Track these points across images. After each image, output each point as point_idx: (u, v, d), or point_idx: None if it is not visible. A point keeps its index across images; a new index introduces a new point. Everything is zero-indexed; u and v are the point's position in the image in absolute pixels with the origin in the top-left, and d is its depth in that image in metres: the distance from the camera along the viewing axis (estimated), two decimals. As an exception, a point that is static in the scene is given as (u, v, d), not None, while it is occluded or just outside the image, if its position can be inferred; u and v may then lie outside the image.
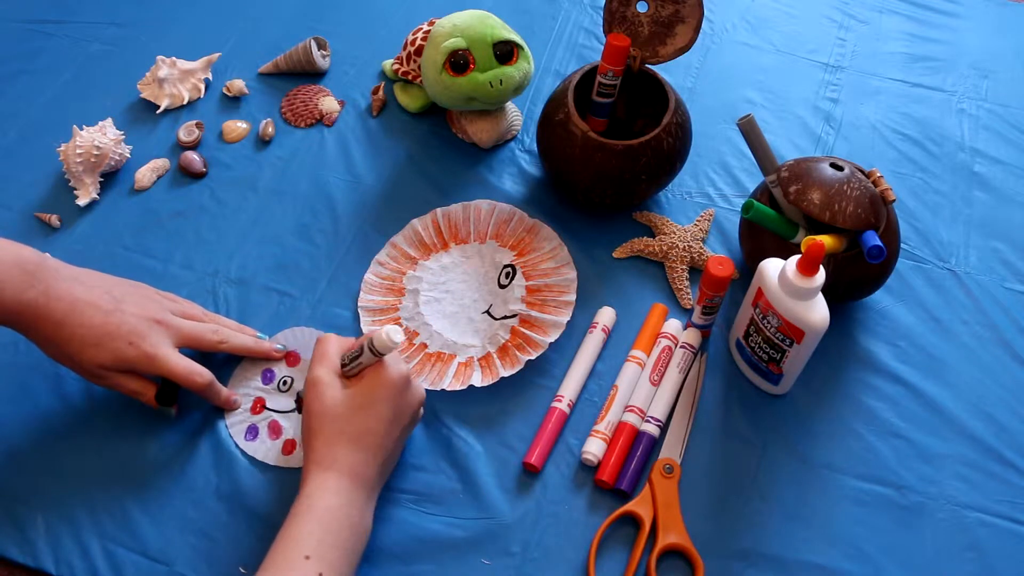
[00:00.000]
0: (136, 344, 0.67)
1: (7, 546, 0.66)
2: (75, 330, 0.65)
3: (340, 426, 0.62)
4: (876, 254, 0.67)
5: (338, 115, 0.93)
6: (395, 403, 0.64)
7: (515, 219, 0.83)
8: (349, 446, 0.61)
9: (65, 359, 0.67)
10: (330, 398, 0.63)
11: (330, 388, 0.63)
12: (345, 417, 0.62)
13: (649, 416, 0.72)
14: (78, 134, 0.84)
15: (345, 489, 0.60)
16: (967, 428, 0.73)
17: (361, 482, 0.61)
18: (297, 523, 0.58)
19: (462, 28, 0.81)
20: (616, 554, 0.67)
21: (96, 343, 0.66)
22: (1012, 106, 0.97)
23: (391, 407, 0.63)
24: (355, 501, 0.60)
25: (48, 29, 1.01)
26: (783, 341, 0.68)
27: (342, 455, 0.61)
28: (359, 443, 0.62)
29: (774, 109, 0.95)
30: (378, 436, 0.62)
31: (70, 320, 0.65)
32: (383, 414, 0.63)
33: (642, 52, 0.80)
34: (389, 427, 0.63)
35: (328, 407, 0.63)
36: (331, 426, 0.62)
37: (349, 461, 0.61)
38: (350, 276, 0.81)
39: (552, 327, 0.75)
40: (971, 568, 0.67)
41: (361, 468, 0.61)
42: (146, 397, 0.69)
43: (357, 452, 0.61)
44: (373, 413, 0.62)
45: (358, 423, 0.62)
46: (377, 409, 0.63)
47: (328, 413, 0.62)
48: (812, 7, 1.06)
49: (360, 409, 0.62)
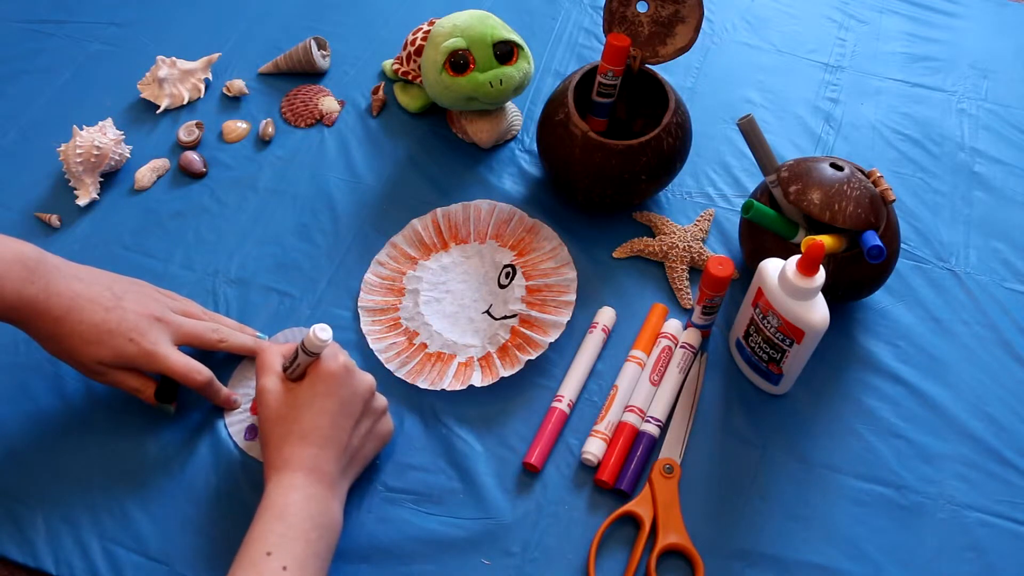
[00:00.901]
0: (136, 341, 0.67)
1: (7, 546, 0.66)
2: (75, 327, 0.65)
3: (287, 427, 0.62)
4: (876, 254, 0.67)
5: (338, 115, 0.93)
6: (338, 395, 0.64)
7: (515, 219, 0.83)
8: (299, 444, 0.62)
9: (65, 355, 0.67)
10: (274, 402, 0.63)
11: (272, 394, 0.64)
12: (291, 417, 0.63)
13: (649, 416, 0.72)
14: (78, 134, 0.84)
15: (301, 484, 0.60)
16: (967, 428, 0.73)
17: (318, 476, 0.61)
18: (258, 523, 0.58)
19: (462, 28, 0.81)
20: (616, 554, 0.67)
21: (96, 340, 0.66)
22: (1012, 106, 0.97)
23: (334, 400, 0.63)
24: (314, 496, 0.60)
25: (48, 29, 1.01)
26: (783, 341, 0.68)
27: (293, 453, 0.61)
28: (308, 439, 0.62)
29: (774, 109, 0.95)
30: (325, 429, 0.62)
31: (70, 317, 0.65)
32: (327, 407, 0.63)
33: (642, 52, 0.80)
34: (335, 419, 0.63)
35: (273, 411, 0.63)
36: (279, 428, 0.62)
37: (300, 457, 0.61)
38: (350, 276, 0.81)
39: (552, 327, 0.75)
40: (971, 568, 0.67)
41: (315, 462, 0.61)
42: (145, 394, 0.69)
43: (307, 447, 0.62)
44: (316, 408, 0.63)
45: (304, 420, 0.62)
46: (320, 403, 0.63)
47: (273, 417, 0.63)
48: (812, 7, 1.06)
49: (303, 407, 0.63)
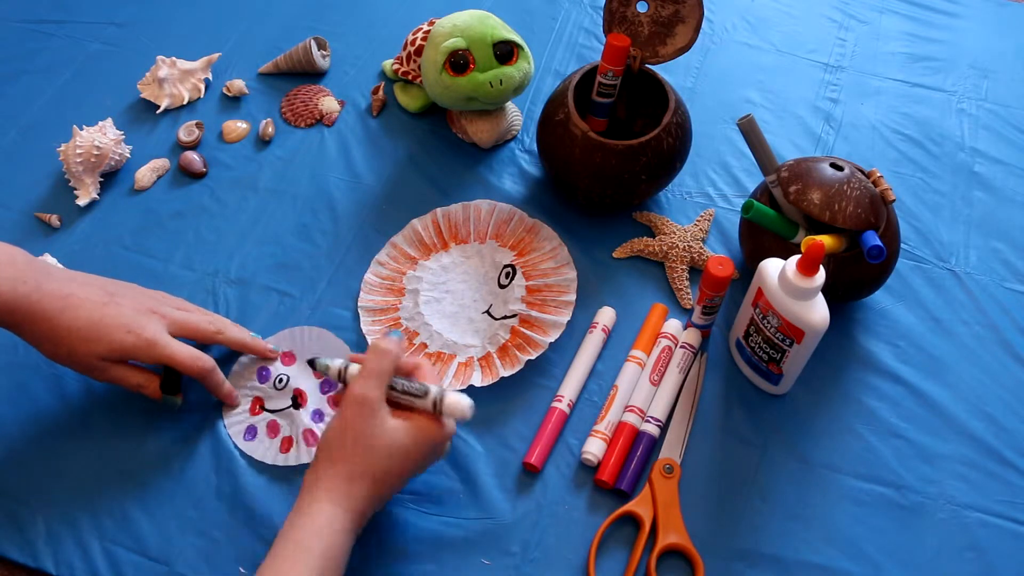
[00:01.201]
0: (134, 332, 0.66)
1: (7, 546, 0.66)
2: (71, 323, 0.65)
3: (371, 461, 0.58)
4: (876, 254, 0.67)
5: (338, 115, 0.93)
6: (431, 457, 0.62)
7: (515, 219, 0.83)
8: (369, 487, 0.58)
9: (63, 356, 0.66)
10: (373, 427, 0.59)
11: (377, 415, 0.59)
12: (379, 454, 0.59)
13: (649, 416, 0.72)
14: (78, 134, 0.84)
15: (350, 531, 0.58)
16: (967, 428, 0.73)
17: (362, 523, 0.59)
18: (302, 556, 0.55)
19: (462, 28, 0.81)
20: (616, 554, 0.67)
21: (93, 335, 0.65)
22: (1012, 106, 0.97)
23: (424, 460, 0.61)
24: (351, 542, 0.58)
25: (48, 29, 1.01)
26: (783, 341, 0.68)
27: (360, 494, 0.58)
28: (379, 485, 0.59)
29: (774, 109, 0.95)
30: (398, 482, 0.60)
31: (65, 315, 0.65)
32: (414, 463, 0.60)
33: (642, 52, 0.80)
34: (411, 475, 0.61)
35: (367, 436, 0.58)
36: (362, 458, 0.58)
37: (362, 501, 0.58)
38: (350, 276, 0.81)
39: (552, 327, 0.75)
40: (971, 568, 0.67)
41: (368, 510, 0.59)
42: (150, 389, 0.69)
43: (373, 492, 0.59)
44: (406, 460, 0.59)
45: (387, 464, 0.59)
46: (412, 458, 0.60)
47: (363, 442, 0.58)
48: (812, 7, 1.06)
49: (396, 453, 0.59)
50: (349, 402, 0.59)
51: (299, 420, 0.72)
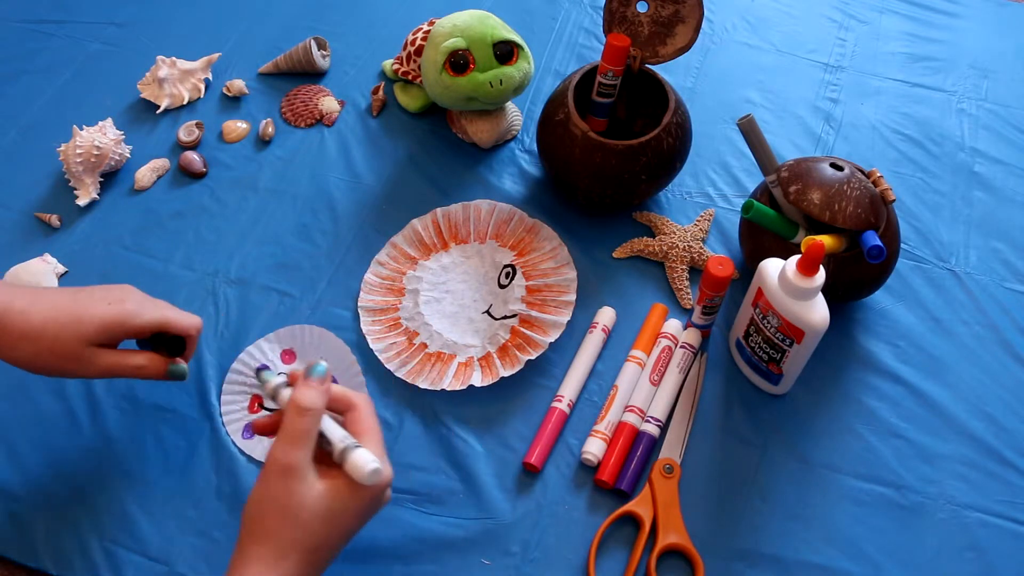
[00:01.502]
0: (115, 302, 0.61)
1: (7, 546, 0.66)
2: (45, 313, 0.59)
3: (301, 535, 0.52)
4: (876, 254, 0.67)
5: (338, 115, 0.93)
6: (366, 515, 0.56)
7: (515, 219, 0.83)
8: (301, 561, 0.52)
9: (44, 354, 0.60)
10: (300, 496, 0.52)
11: (303, 482, 0.52)
12: (310, 526, 0.52)
13: (649, 416, 0.72)
14: (78, 134, 0.84)
15: None
16: (967, 428, 0.73)
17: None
18: None
19: (462, 28, 0.81)
20: (616, 554, 0.67)
21: (72, 317, 0.59)
22: (1012, 106, 0.97)
23: (360, 520, 0.55)
24: None
25: (48, 29, 1.01)
26: (783, 341, 0.68)
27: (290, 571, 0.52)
28: (313, 557, 0.53)
29: (774, 109, 0.95)
30: (335, 551, 0.54)
31: (37, 306, 0.59)
32: (350, 528, 0.54)
33: (642, 52, 0.80)
34: (349, 538, 0.55)
35: (294, 507, 0.52)
36: (291, 532, 0.52)
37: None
38: (350, 276, 0.81)
39: (552, 327, 0.75)
40: (971, 568, 0.67)
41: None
42: (151, 367, 0.63)
43: (307, 568, 0.52)
44: (342, 526, 0.54)
45: (321, 534, 0.53)
46: (348, 521, 0.54)
47: (291, 516, 0.52)
48: (812, 7, 1.06)
49: (330, 520, 0.53)
50: (270, 469, 0.53)
51: (299, 420, 0.72)
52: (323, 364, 0.56)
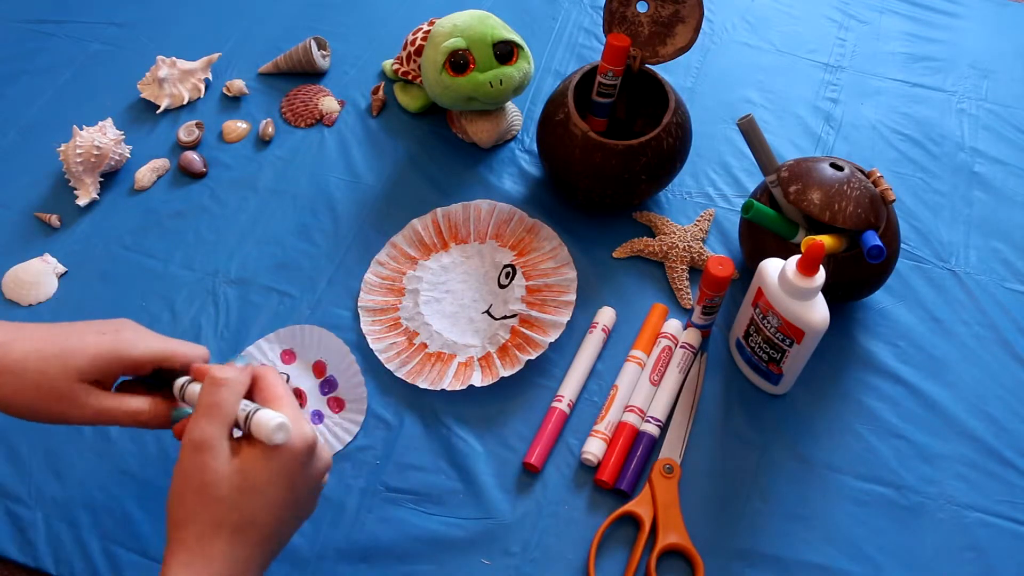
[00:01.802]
0: (109, 332, 0.54)
1: (7, 546, 0.66)
2: (28, 346, 0.52)
3: (221, 513, 0.48)
4: (876, 254, 0.67)
5: (338, 115, 0.93)
6: (292, 483, 0.50)
7: (515, 219, 0.83)
8: (230, 541, 0.48)
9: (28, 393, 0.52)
10: (213, 472, 0.48)
11: (216, 458, 0.49)
12: (228, 502, 0.48)
13: (649, 416, 0.72)
14: (78, 134, 0.84)
15: None
16: (967, 428, 0.73)
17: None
18: None
19: (462, 28, 0.81)
20: (616, 554, 0.67)
21: (60, 349, 0.52)
22: (1012, 106, 0.97)
23: (286, 489, 0.50)
24: None
25: (48, 29, 1.01)
26: (783, 341, 0.68)
27: (219, 553, 0.48)
28: (242, 537, 0.49)
29: (774, 109, 0.95)
30: (266, 528, 0.50)
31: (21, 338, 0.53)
32: (275, 499, 0.50)
33: (642, 52, 0.80)
34: (281, 514, 0.50)
35: (209, 484, 0.48)
36: (209, 511, 0.48)
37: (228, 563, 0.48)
38: (350, 276, 0.81)
39: (552, 327, 0.75)
40: (971, 568, 0.67)
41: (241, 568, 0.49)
42: (151, 412, 0.56)
43: (238, 548, 0.48)
44: (262, 498, 0.49)
45: (244, 510, 0.49)
46: (268, 494, 0.49)
47: (208, 493, 0.48)
48: (812, 7, 1.06)
49: (249, 492, 0.49)
50: (184, 447, 0.50)
51: (299, 420, 0.72)
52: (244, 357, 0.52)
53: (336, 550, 0.66)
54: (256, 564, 0.50)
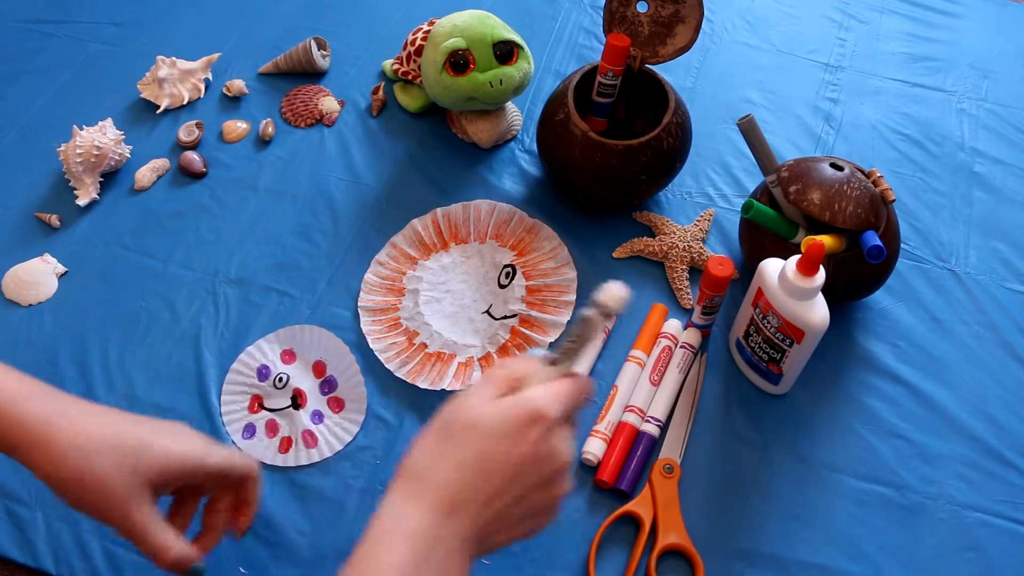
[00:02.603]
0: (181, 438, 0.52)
1: (7, 546, 0.66)
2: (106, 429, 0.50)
3: (459, 446, 0.48)
4: (876, 254, 0.67)
5: (338, 115, 0.93)
6: (525, 449, 0.48)
7: (515, 219, 0.83)
8: (463, 474, 0.47)
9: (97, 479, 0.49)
10: (468, 404, 0.49)
11: (475, 396, 0.49)
12: (462, 436, 0.48)
13: (649, 416, 0.72)
14: (78, 134, 0.84)
15: (431, 534, 0.46)
16: (967, 428, 0.73)
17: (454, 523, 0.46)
18: (363, 549, 0.45)
19: (462, 28, 0.81)
20: (616, 554, 0.67)
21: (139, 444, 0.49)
22: (1012, 106, 0.97)
23: (520, 452, 0.47)
24: (434, 549, 0.46)
25: (48, 29, 1.01)
26: (783, 341, 0.68)
27: (445, 474, 0.47)
28: (463, 465, 0.47)
29: (774, 109, 0.95)
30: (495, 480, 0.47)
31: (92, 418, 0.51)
32: (507, 455, 0.47)
33: (642, 52, 0.80)
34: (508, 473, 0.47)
35: (446, 415, 0.49)
36: (450, 443, 0.48)
37: (451, 483, 0.47)
38: (350, 276, 0.81)
39: (552, 327, 0.75)
40: (971, 568, 0.67)
41: (464, 500, 0.47)
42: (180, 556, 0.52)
43: (460, 473, 0.47)
44: (495, 449, 0.47)
45: (472, 447, 0.47)
46: (503, 447, 0.47)
47: (439, 423, 0.49)
48: (812, 7, 1.06)
49: (485, 435, 0.47)
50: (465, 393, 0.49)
51: (298, 421, 0.72)
52: None
53: (336, 550, 0.66)
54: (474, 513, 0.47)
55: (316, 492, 0.69)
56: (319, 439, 0.71)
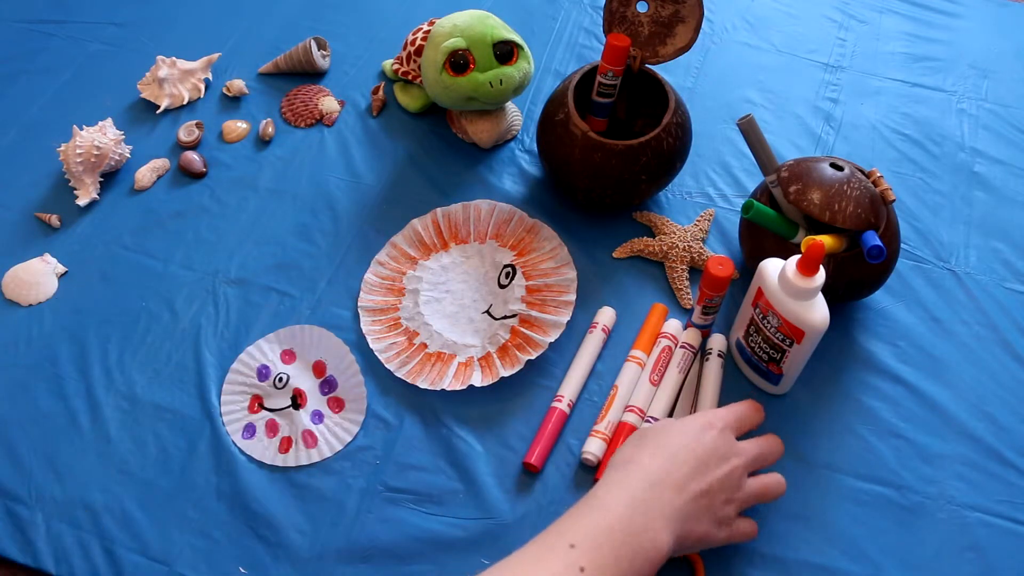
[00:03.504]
0: None
1: (7, 546, 0.66)
2: None
3: (662, 432, 0.62)
4: (876, 254, 0.67)
5: (338, 115, 0.93)
6: (701, 438, 0.61)
7: (515, 219, 0.83)
8: (654, 455, 0.60)
9: None
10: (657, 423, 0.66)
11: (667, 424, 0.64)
12: (667, 426, 0.63)
13: (649, 416, 0.72)
14: (78, 134, 0.84)
15: (639, 499, 0.57)
16: (967, 428, 0.73)
17: (656, 497, 0.58)
18: (579, 516, 0.57)
19: (462, 28, 0.81)
20: (616, 554, 0.67)
21: None
22: (1012, 106, 0.97)
23: (697, 441, 0.61)
24: (647, 513, 0.57)
25: (48, 29, 1.01)
26: (783, 341, 0.68)
27: (646, 460, 0.60)
28: (658, 454, 0.60)
29: (774, 109, 0.95)
30: (686, 461, 0.60)
31: None
32: (696, 442, 0.61)
33: (642, 52, 0.80)
34: (694, 458, 0.60)
35: (651, 425, 0.64)
36: (656, 429, 0.63)
37: (649, 468, 0.59)
38: (350, 276, 0.81)
39: (552, 327, 0.75)
40: (971, 568, 0.67)
41: (662, 478, 0.58)
42: None
43: (658, 460, 0.60)
44: (689, 435, 0.61)
45: (674, 437, 0.61)
46: (694, 434, 0.61)
47: (635, 435, 0.64)
48: (812, 7, 1.06)
49: (679, 427, 0.62)
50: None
51: (298, 421, 0.72)
52: None
53: (336, 550, 0.66)
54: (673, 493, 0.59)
55: (316, 492, 0.69)
56: (319, 439, 0.71)
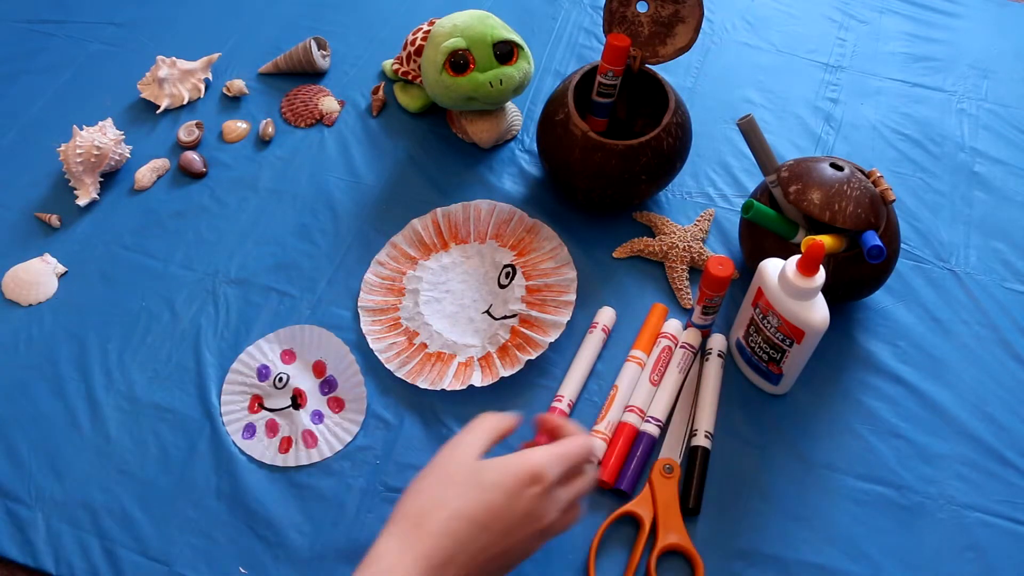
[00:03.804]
0: None
1: (7, 546, 0.66)
2: None
3: (440, 493, 0.52)
4: (876, 254, 0.67)
5: (338, 115, 0.93)
6: (514, 513, 0.52)
7: (515, 219, 0.83)
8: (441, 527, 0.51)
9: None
10: (454, 459, 0.53)
11: (475, 445, 0.54)
12: (450, 492, 0.52)
13: (649, 416, 0.72)
14: (78, 134, 0.84)
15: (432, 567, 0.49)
16: (967, 428, 0.73)
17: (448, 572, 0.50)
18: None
19: (462, 28, 0.81)
20: (616, 554, 0.67)
21: None
22: (1012, 106, 0.97)
23: (507, 518, 0.52)
24: None
25: (48, 29, 1.01)
26: (783, 341, 0.68)
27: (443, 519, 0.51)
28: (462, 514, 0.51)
29: (774, 109, 0.95)
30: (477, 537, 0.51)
31: None
32: (493, 515, 0.51)
33: (642, 52, 0.80)
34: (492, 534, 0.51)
35: (440, 468, 0.53)
36: (433, 490, 0.53)
37: (443, 535, 0.50)
38: (350, 276, 0.81)
39: (552, 327, 0.75)
40: (971, 568, 0.67)
41: (451, 549, 0.50)
42: None
43: (457, 524, 0.51)
44: (479, 502, 0.51)
45: (452, 504, 0.51)
46: (488, 501, 0.51)
47: (436, 473, 0.53)
48: (812, 7, 1.06)
49: (474, 487, 0.52)
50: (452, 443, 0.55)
51: (298, 421, 0.72)
52: None
53: (336, 550, 0.66)
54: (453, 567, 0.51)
55: (316, 492, 0.69)
56: (319, 439, 0.71)
